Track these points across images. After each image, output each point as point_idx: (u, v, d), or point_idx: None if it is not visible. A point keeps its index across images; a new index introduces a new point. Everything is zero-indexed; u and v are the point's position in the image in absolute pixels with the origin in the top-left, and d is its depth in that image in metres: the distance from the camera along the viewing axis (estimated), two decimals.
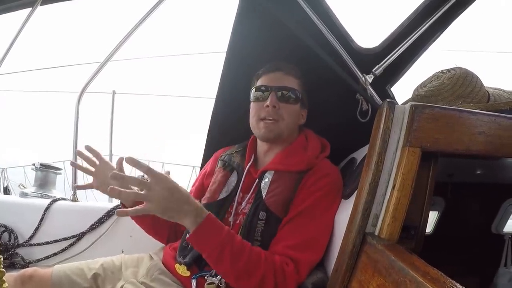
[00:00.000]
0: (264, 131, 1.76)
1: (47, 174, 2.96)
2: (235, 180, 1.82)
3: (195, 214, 1.39)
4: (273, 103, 1.73)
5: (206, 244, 1.41)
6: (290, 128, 1.81)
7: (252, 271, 1.42)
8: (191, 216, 1.38)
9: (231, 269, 1.42)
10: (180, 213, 1.37)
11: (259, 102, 1.79)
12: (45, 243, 2.45)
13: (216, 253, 1.40)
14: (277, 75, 1.80)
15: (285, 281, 1.44)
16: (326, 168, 1.74)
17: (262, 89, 1.79)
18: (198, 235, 1.40)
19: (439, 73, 1.70)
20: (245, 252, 1.43)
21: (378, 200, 1.24)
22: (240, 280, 1.44)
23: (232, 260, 1.40)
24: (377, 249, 1.15)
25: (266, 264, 1.44)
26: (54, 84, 7.79)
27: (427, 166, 1.28)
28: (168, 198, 1.33)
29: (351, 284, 1.26)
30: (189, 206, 1.38)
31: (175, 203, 1.35)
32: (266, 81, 1.81)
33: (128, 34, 2.52)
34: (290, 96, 1.77)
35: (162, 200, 1.32)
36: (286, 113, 1.76)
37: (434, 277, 0.89)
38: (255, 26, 1.89)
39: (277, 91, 1.76)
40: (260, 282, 1.42)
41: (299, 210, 1.59)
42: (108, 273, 1.74)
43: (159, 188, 1.31)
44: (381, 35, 1.94)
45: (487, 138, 1.22)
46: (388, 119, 1.23)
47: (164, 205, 1.34)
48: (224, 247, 1.40)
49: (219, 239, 1.40)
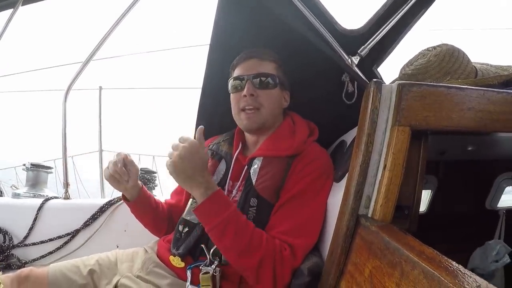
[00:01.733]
0: (247, 122, 1.75)
1: (38, 173, 2.94)
2: (224, 169, 1.82)
3: (205, 186, 1.44)
4: (250, 92, 1.72)
5: (212, 217, 1.44)
6: (273, 114, 1.79)
7: (254, 250, 1.43)
8: (201, 187, 1.44)
9: (233, 245, 1.44)
10: (192, 181, 1.44)
11: (237, 92, 1.77)
12: (40, 242, 2.45)
13: (222, 226, 1.42)
14: (251, 63, 1.78)
15: (283, 265, 1.45)
16: (315, 152, 1.72)
17: (238, 79, 1.77)
18: (204, 207, 1.44)
19: (425, 51, 1.69)
20: (248, 230, 1.45)
21: (370, 181, 1.24)
22: (242, 257, 1.44)
23: (236, 236, 1.42)
24: (371, 231, 1.14)
25: (267, 246, 1.44)
26: (39, 83, 7.75)
27: (417, 145, 1.27)
28: (186, 161, 1.41)
29: (346, 267, 1.25)
30: (202, 178, 1.44)
31: (191, 169, 1.43)
32: (241, 71, 1.79)
33: (110, 30, 2.52)
34: (267, 81, 1.75)
35: (180, 161, 1.41)
36: (266, 100, 1.75)
37: (430, 256, 0.88)
38: (237, 12, 1.86)
39: (253, 78, 1.74)
40: (260, 262, 1.42)
41: (290, 195, 1.59)
42: (104, 269, 1.74)
43: (183, 147, 1.42)
44: (365, 16, 1.93)
45: (477, 113, 1.21)
46: (376, 99, 1.22)
47: (181, 167, 1.42)
48: (229, 222, 1.42)
49: (225, 214, 1.43)
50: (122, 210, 2.40)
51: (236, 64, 1.83)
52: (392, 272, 0.96)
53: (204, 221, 1.48)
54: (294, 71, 1.87)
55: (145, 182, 2.82)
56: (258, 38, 1.92)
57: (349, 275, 1.23)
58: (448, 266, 0.81)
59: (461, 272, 0.78)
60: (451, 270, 0.79)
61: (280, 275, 1.45)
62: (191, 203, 1.75)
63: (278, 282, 1.45)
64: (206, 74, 2.05)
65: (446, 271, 0.79)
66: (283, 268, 1.45)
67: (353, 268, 1.21)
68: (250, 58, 1.79)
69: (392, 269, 0.96)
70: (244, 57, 1.81)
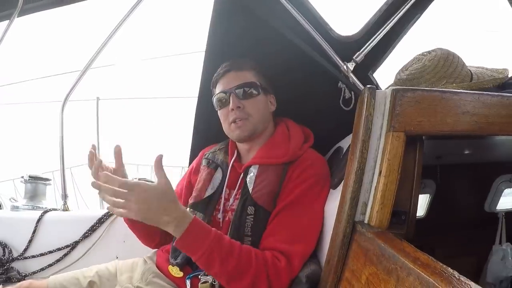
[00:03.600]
0: (238, 132, 1.75)
1: (37, 185, 2.93)
2: (220, 177, 1.81)
3: (175, 223, 1.36)
4: (236, 104, 1.72)
5: (193, 250, 1.40)
6: (262, 120, 1.79)
7: (244, 271, 1.41)
8: (171, 226, 1.36)
9: (221, 272, 1.41)
10: (160, 223, 1.36)
11: (224, 108, 1.78)
12: (39, 255, 2.43)
13: (205, 257, 1.39)
14: (230, 76, 1.79)
15: (279, 276, 1.44)
16: (311, 158, 1.72)
17: (221, 95, 1.78)
18: (183, 242, 1.39)
19: (420, 56, 1.69)
20: (235, 253, 1.42)
21: (366, 187, 1.24)
22: (232, 281, 1.43)
23: (222, 262, 1.39)
24: (367, 237, 1.14)
25: (257, 262, 1.43)
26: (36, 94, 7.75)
27: (413, 150, 1.28)
28: (145, 209, 1.32)
29: (344, 274, 1.25)
30: (168, 217, 1.35)
31: (153, 214, 1.34)
32: (223, 86, 1.80)
33: (106, 40, 2.51)
34: (249, 91, 1.76)
35: (139, 211, 1.31)
36: (253, 109, 1.75)
37: (425, 262, 0.88)
38: (232, 21, 1.87)
39: (236, 90, 1.74)
40: (253, 281, 1.41)
41: (287, 202, 1.58)
42: (104, 280, 1.74)
43: (134, 199, 1.30)
44: (359, 22, 1.93)
45: (472, 117, 1.22)
46: (370, 105, 1.22)
47: (143, 215, 1.33)
48: (212, 251, 1.39)
49: (205, 243, 1.39)
50: (120, 220, 2.38)
51: (216, 80, 1.84)
52: (388, 278, 0.96)
53: (188, 253, 1.44)
54: (290, 79, 1.88)
55: None
56: (253, 46, 1.93)
57: (346, 282, 1.23)
58: (443, 272, 0.81)
59: (456, 278, 0.78)
60: (446, 276, 0.79)
61: (277, 286, 1.44)
62: None
63: None
64: (202, 82, 2.06)
65: (441, 277, 0.79)
66: (280, 279, 1.44)
67: (350, 275, 1.21)
68: (228, 72, 1.80)
69: (388, 276, 0.96)
70: (222, 73, 1.82)
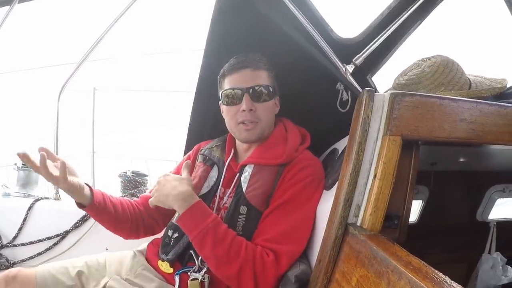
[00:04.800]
0: (246, 134, 1.72)
1: (29, 173, 2.92)
2: (216, 175, 1.80)
3: (183, 197, 1.52)
4: (249, 107, 1.68)
5: (190, 228, 1.49)
6: (269, 125, 1.78)
7: (232, 259, 1.44)
8: (179, 200, 1.53)
9: (211, 254, 1.46)
10: (170, 196, 1.55)
11: (234, 106, 1.72)
12: (29, 243, 2.44)
13: (200, 237, 1.46)
14: (246, 74, 1.72)
15: (264, 270, 1.45)
16: (306, 159, 1.71)
17: (232, 91, 1.72)
18: (184, 217, 1.51)
19: (420, 61, 1.70)
20: (227, 240, 1.46)
21: (360, 190, 1.24)
22: (220, 267, 1.47)
23: (213, 246, 1.45)
24: (359, 240, 1.14)
25: (246, 253, 1.45)
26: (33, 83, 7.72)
27: (408, 155, 1.27)
28: (166, 185, 1.59)
29: (334, 275, 1.25)
30: (180, 192, 1.54)
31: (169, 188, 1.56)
32: (236, 82, 1.72)
33: (106, 31, 2.51)
34: (264, 94, 1.71)
35: (162, 185, 1.60)
36: (264, 113, 1.72)
37: (416, 266, 0.88)
38: (233, 18, 1.86)
39: (251, 92, 1.69)
40: (239, 270, 1.43)
41: (279, 203, 1.58)
42: (92, 271, 1.73)
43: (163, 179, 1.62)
44: (361, 25, 1.93)
45: (468, 125, 1.22)
46: (368, 108, 1.22)
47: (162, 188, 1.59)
48: (207, 232, 1.46)
49: (203, 224, 1.47)
50: None
51: (228, 73, 1.76)
52: (379, 282, 0.95)
53: (186, 231, 1.54)
54: (289, 77, 1.86)
55: (136, 185, 2.80)
56: (253, 44, 1.91)
57: (336, 283, 1.23)
58: (434, 277, 0.81)
59: (448, 284, 0.78)
60: (437, 281, 0.79)
61: (263, 281, 1.45)
62: None
63: None
64: (200, 78, 2.05)
65: (432, 282, 0.79)
66: (265, 274, 1.45)
67: (341, 277, 1.20)
68: (244, 68, 1.72)
69: (379, 279, 0.96)
70: (237, 67, 1.74)
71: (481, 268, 2.33)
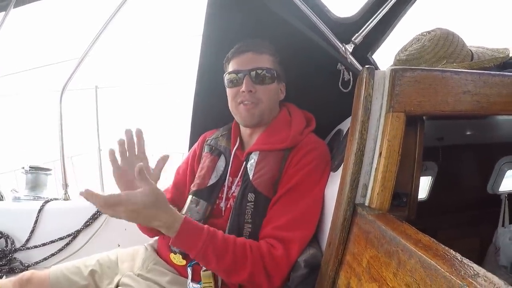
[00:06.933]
0: (246, 114, 1.72)
1: (38, 176, 2.93)
2: (223, 165, 1.79)
3: (166, 226, 1.35)
4: (249, 88, 1.68)
5: (187, 249, 1.41)
6: (270, 108, 1.77)
7: (241, 265, 1.41)
8: (163, 229, 1.36)
9: (219, 267, 1.42)
10: (151, 226, 1.36)
11: (235, 88, 1.74)
12: (41, 245, 2.45)
13: (201, 255, 1.40)
14: (248, 56, 1.74)
15: (276, 264, 1.44)
16: (312, 142, 1.70)
17: (235, 74, 1.73)
18: (177, 242, 1.39)
19: (420, 36, 1.66)
20: (229, 249, 1.42)
21: (366, 169, 1.22)
22: (231, 275, 1.44)
23: (218, 259, 1.40)
24: (367, 220, 1.13)
25: (253, 254, 1.43)
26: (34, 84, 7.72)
27: (413, 131, 1.26)
28: (134, 217, 1.29)
29: (345, 257, 1.24)
30: (158, 222, 1.34)
31: (142, 220, 1.32)
32: (238, 65, 1.75)
33: (103, 28, 2.49)
34: (265, 76, 1.71)
35: (129, 218, 1.29)
36: (264, 95, 1.72)
37: (426, 244, 0.87)
38: (230, 4, 1.84)
39: (251, 73, 1.70)
40: (251, 272, 1.41)
41: (287, 188, 1.57)
42: (105, 269, 1.74)
43: (123, 210, 1.27)
44: (357, 3, 1.90)
45: (473, 97, 1.20)
46: (369, 86, 1.20)
47: (133, 221, 1.33)
48: (206, 249, 1.39)
49: (199, 242, 1.39)
50: None
51: (232, 57, 1.78)
52: (389, 261, 0.94)
53: (185, 251, 1.45)
54: (289, 61, 1.85)
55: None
56: (251, 29, 1.89)
57: (347, 265, 1.22)
58: (445, 255, 0.80)
59: (458, 260, 0.77)
60: (448, 259, 0.78)
61: (276, 274, 1.44)
62: (190, 200, 1.74)
63: (275, 281, 1.45)
64: (200, 67, 2.03)
65: (443, 260, 0.77)
66: (278, 267, 1.44)
67: (351, 258, 1.20)
68: (246, 52, 1.75)
69: (389, 259, 0.95)
70: (240, 50, 1.76)
71: (500, 242, 2.31)
